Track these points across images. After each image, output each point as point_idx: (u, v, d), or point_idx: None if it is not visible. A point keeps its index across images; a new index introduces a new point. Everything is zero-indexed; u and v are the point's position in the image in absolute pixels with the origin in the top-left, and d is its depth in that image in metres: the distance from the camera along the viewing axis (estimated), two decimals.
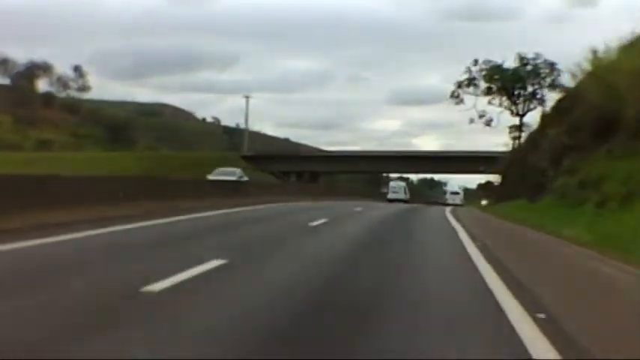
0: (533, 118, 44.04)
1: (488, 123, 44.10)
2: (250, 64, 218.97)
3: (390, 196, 62.47)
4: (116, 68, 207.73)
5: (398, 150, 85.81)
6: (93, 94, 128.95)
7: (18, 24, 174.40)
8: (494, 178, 55.13)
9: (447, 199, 69.02)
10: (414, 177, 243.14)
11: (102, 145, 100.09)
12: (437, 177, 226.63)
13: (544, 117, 32.10)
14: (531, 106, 42.54)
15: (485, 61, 43.68)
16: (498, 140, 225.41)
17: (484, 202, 73.79)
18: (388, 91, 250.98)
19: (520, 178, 32.07)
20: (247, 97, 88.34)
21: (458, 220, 26.45)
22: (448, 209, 40.26)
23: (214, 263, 9.49)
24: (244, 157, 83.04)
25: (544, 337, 5.77)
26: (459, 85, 44.31)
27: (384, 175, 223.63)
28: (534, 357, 5.18)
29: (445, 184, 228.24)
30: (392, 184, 70.25)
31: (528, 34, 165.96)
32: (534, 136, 32.12)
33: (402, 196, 62.91)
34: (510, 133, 46.73)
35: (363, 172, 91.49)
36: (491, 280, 9.12)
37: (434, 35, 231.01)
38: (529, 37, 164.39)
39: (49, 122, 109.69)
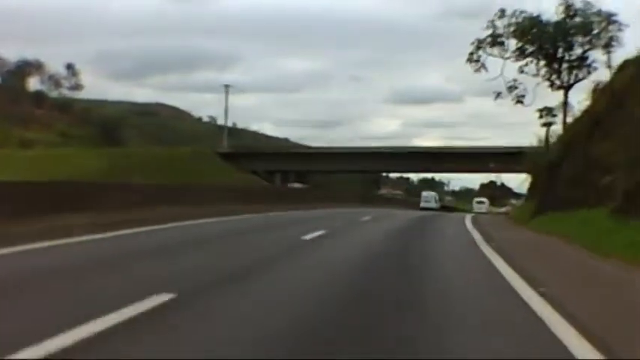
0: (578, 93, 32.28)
1: (519, 99, 30.60)
2: (250, 64, 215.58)
3: (422, 204, 63.71)
4: (116, 69, 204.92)
5: (398, 146, 74.67)
6: (91, 94, 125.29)
7: (17, 24, 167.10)
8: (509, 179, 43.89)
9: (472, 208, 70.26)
10: (414, 177, 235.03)
11: (91, 145, 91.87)
12: (438, 176, 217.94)
13: (615, 87, 20.96)
14: (579, 75, 29.89)
15: (516, 12, 30.86)
16: (511, 138, 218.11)
17: (481, 206, 75.46)
18: (388, 91, 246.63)
19: (572, 177, 21.24)
20: (227, 87, 77.81)
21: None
22: (469, 219, 30.01)
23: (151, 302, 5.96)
24: (221, 155, 72.25)
25: None
26: (479, 44, 31.23)
27: (384, 174, 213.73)
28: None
29: (446, 183, 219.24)
30: (424, 193, 71.71)
31: None
32: (597, 117, 21.08)
33: (432, 204, 64.55)
34: (542, 117, 34.96)
35: (360, 171, 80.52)
36: None
37: (433, 34, 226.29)
38: None
39: (39, 121, 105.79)
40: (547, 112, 33.95)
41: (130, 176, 61.32)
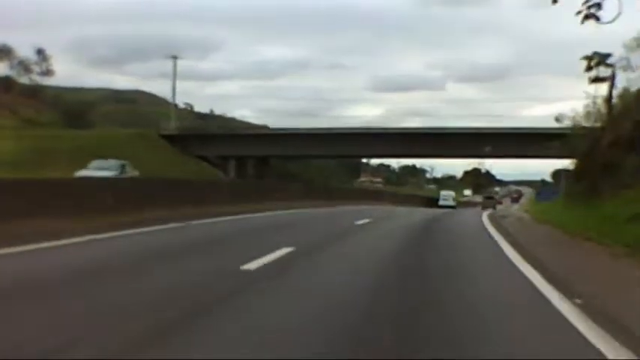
0: None
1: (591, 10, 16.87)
2: (231, 52, 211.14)
3: (441, 202, 67.79)
4: (95, 56, 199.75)
5: (382, 127, 61.90)
6: (70, 82, 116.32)
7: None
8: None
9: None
10: (395, 164, 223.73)
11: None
12: (419, 163, 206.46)
13: None
14: None
15: None
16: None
17: (446, 202, 69.49)
18: (369, 78, 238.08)
19: None
20: (174, 58, 64.79)
21: None
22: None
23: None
24: (165, 137, 59.43)
25: None
26: None
27: (364, 161, 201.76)
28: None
29: (429, 170, 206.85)
30: (443, 192, 79.41)
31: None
32: None
33: (450, 202, 69.02)
34: (591, 68, 22.31)
35: (333, 156, 67.98)
36: None
37: (413, 21, 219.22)
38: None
39: (5, 107, 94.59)
40: (600, 60, 21.21)
41: (47, 161, 49.33)
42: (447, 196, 73.60)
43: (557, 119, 25.92)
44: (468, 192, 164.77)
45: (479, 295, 7.00)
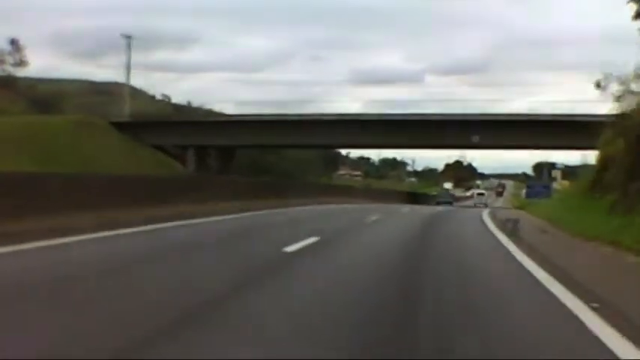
0: None
1: None
2: (210, 44, 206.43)
3: (439, 199, 69.98)
4: (75, 49, 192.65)
5: (360, 113, 54.99)
6: (46, 74, 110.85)
7: None
8: None
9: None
10: (375, 157, 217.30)
11: None
12: (400, 156, 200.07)
13: None
14: None
15: None
16: None
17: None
18: (348, 71, 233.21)
19: None
20: (129, 38, 57.55)
21: None
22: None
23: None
24: (116, 125, 52.30)
25: None
26: None
27: (344, 154, 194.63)
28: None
29: (410, 163, 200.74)
30: (440, 191, 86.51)
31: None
32: None
33: (448, 199, 71.40)
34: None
35: (309, 146, 61.02)
36: None
37: (393, 13, 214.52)
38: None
39: None
40: None
41: None
42: (444, 194, 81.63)
43: (599, 85, 19.12)
44: (448, 185, 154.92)
45: None
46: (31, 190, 12.33)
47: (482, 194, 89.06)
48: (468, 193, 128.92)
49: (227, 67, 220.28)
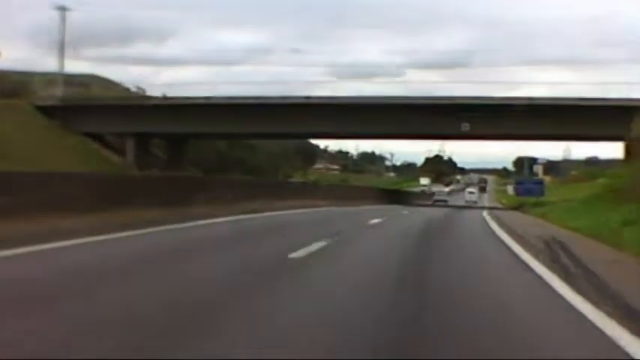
0: None
1: None
2: (189, 37, 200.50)
3: (436, 197, 75.91)
4: (51, 41, 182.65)
5: (332, 96, 46.17)
6: (22, 66, 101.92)
7: None
8: None
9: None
10: (353, 150, 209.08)
11: None
12: (379, 150, 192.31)
13: None
14: None
15: None
16: None
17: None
18: (329, 65, 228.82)
19: None
20: (63, 10, 48.64)
21: None
22: None
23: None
24: (41, 109, 43.51)
25: None
26: None
27: (322, 147, 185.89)
28: None
29: (389, 157, 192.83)
30: (436, 189, 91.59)
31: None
32: None
33: (445, 197, 77.17)
34: None
35: (275, 135, 52.50)
36: None
37: (374, 8, 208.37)
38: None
39: None
40: None
41: None
42: (441, 193, 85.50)
43: None
44: (425, 181, 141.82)
45: None
46: None
47: (472, 192, 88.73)
48: (447, 189, 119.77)
49: (206, 61, 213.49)
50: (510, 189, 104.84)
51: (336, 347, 4.21)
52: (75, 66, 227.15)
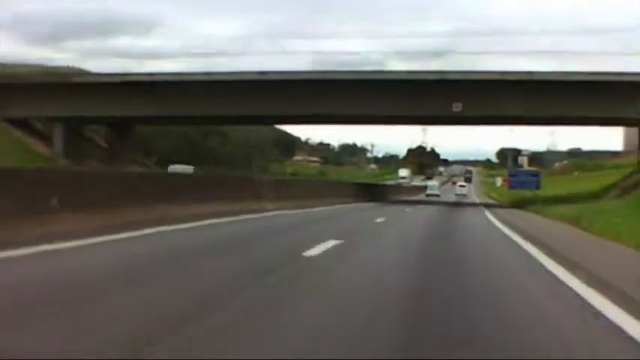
0: None
1: None
2: (170, 29, 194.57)
3: (428, 192, 74.59)
4: (33, 33, 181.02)
5: (305, 70, 38.14)
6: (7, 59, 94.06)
7: None
8: None
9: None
10: (335, 142, 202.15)
11: None
12: (360, 142, 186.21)
13: None
14: None
15: None
16: None
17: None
18: (311, 56, 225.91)
19: None
20: None
21: None
22: None
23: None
24: None
25: None
26: None
27: (304, 138, 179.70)
28: None
29: (370, 149, 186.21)
30: (429, 183, 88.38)
31: None
32: None
33: (436, 191, 74.39)
34: None
35: (235, 118, 44.86)
36: None
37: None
38: None
39: None
40: None
41: None
42: (433, 186, 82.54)
43: None
44: (404, 172, 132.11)
45: None
46: None
47: (463, 186, 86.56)
48: (438, 183, 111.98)
49: (188, 53, 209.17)
50: (499, 181, 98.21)
51: None
52: (55, 59, 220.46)
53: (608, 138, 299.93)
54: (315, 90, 33.70)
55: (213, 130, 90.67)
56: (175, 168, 37.41)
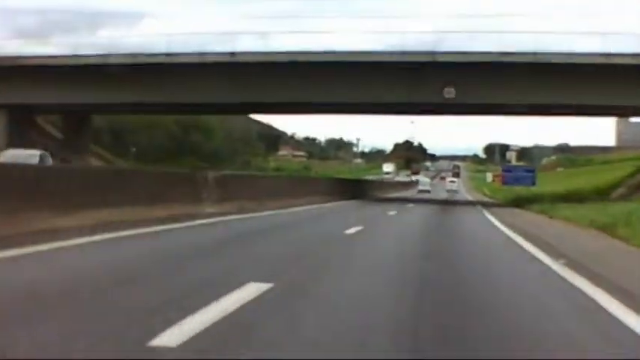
0: None
1: None
2: (158, 22, 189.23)
3: (420, 187, 72.80)
4: (18, 27, 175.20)
5: (282, 51, 33.09)
6: None
7: None
8: None
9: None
10: (322, 137, 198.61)
11: None
12: (346, 137, 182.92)
13: None
14: None
15: None
16: None
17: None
18: (299, 49, 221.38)
19: None
20: None
21: None
22: None
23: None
24: None
25: None
26: None
27: (290, 133, 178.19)
28: None
29: (355, 144, 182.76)
30: (421, 179, 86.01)
31: None
32: None
33: (427, 187, 72.58)
34: None
35: (193, 107, 40.57)
36: None
37: None
38: None
39: None
40: None
41: None
42: (424, 182, 79.84)
43: None
44: (389, 167, 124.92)
45: None
46: None
47: (453, 181, 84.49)
48: (413, 178, 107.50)
49: (176, 47, 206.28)
50: (489, 176, 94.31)
51: None
52: (42, 52, 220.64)
53: (596, 134, 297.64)
54: (292, 74, 29.55)
55: (197, 124, 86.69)
56: (13, 154, 20.67)
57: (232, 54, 29.72)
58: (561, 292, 6.01)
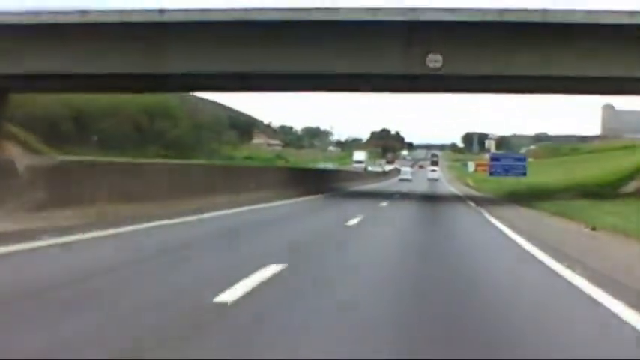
0: None
1: None
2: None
3: (401, 177, 74.70)
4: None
5: (242, 9, 26.34)
6: None
7: None
8: None
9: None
10: (298, 126, 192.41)
11: None
12: (323, 126, 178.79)
13: None
14: None
15: None
16: None
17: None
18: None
19: None
20: None
21: None
22: None
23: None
24: None
25: None
26: None
27: (266, 122, 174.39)
28: None
29: (331, 132, 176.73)
30: (403, 169, 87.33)
31: None
32: None
33: (409, 177, 73.82)
34: None
35: (117, 78, 33.90)
36: None
37: None
38: None
39: None
40: None
41: None
42: (406, 171, 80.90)
43: None
44: (360, 155, 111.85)
45: None
46: None
47: (434, 170, 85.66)
48: (387, 168, 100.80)
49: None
50: (471, 166, 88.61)
51: None
52: None
53: (575, 123, 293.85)
54: (235, 38, 23.02)
55: (164, 111, 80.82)
56: None
57: (161, 11, 23.06)
58: None
